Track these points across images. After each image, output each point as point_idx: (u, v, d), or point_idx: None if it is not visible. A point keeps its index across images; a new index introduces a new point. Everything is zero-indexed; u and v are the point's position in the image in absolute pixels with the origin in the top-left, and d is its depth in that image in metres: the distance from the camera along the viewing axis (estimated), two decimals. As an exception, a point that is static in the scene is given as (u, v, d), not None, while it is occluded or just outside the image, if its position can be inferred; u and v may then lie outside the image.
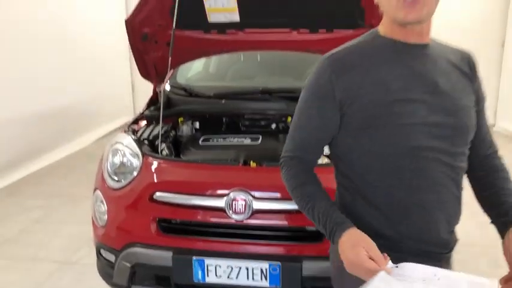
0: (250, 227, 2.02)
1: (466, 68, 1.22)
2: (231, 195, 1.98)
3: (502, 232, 1.20)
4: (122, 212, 2.14)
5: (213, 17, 2.53)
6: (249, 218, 1.98)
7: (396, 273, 1.00)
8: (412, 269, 1.01)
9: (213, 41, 2.72)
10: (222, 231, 2.05)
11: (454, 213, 1.20)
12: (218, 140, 2.53)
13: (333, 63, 1.17)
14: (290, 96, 2.71)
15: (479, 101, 1.24)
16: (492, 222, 1.25)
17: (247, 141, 2.50)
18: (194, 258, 1.98)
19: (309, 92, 1.22)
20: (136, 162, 2.21)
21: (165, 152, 2.39)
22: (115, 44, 6.83)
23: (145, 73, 2.85)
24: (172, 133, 2.61)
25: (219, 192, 2.01)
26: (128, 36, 2.58)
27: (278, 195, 2.01)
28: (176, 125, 2.70)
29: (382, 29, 1.20)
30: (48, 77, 5.18)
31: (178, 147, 2.57)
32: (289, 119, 2.63)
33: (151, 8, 2.45)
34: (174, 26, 2.37)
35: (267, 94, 2.74)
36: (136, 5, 2.47)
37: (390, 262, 1.02)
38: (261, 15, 2.57)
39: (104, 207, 2.19)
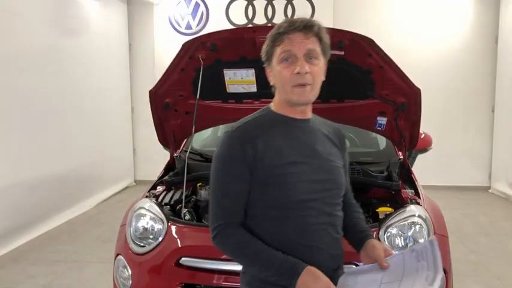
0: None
1: (336, 139, 1.55)
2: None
3: (359, 246, 1.51)
4: (147, 277, 2.17)
5: (231, 88, 2.70)
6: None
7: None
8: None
9: (231, 110, 2.88)
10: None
11: (335, 253, 1.45)
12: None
13: (240, 135, 1.40)
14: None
15: (345, 165, 1.56)
16: (350, 242, 1.55)
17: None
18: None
19: (223, 162, 1.40)
20: (160, 227, 2.27)
21: (187, 216, 2.46)
22: (117, 109, 7.03)
23: (163, 140, 2.97)
24: (193, 198, 2.68)
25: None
26: (151, 105, 2.73)
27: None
28: (195, 190, 2.78)
29: (274, 106, 1.48)
30: (50, 143, 5.26)
31: (197, 211, 2.63)
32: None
33: (174, 80, 2.62)
34: (197, 96, 2.52)
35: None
36: (161, 78, 2.63)
37: None
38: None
39: (127, 273, 2.22)
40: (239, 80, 2.64)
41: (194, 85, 2.63)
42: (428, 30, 6.93)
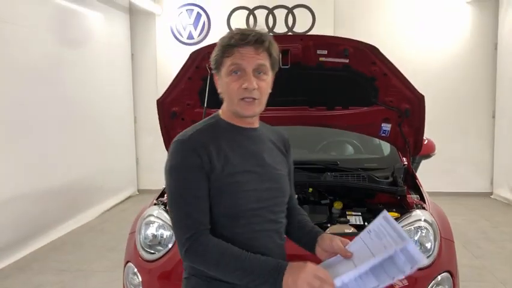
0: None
1: (281, 145, 1.58)
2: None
3: (312, 244, 1.51)
4: (157, 283, 2.19)
5: (238, 97, 2.73)
6: None
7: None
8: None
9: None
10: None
11: (280, 258, 1.42)
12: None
13: (194, 142, 1.39)
14: (309, 167, 2.87)
15: (290, 171, 1.60)
16: (302, 244, 1.57)
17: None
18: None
19: (181, 172, 1.37)
20: (169, 234, 2.30)
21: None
22: (120, 119, 7.06)
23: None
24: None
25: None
26: (158, 114, 2.77)
27: (311, 263, 2.09)
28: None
29: (223, 114, 1.49)
30: (52, 153, 5.28)
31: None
32: (311, 189, 2.76)
33: (182, 89, 2.66)
34: (205, 105, 2.56)
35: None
36: (168, 87, 2.67)
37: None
38: (281, 95, 2.78)
39: (137, 279, 2.25)
40: (245, 88, 2.67)
41: (201, 94, 2.67)
42: (427, 37, 7.00)
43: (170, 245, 2.25)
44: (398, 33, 7.03)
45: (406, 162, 3.00)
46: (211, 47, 2.48)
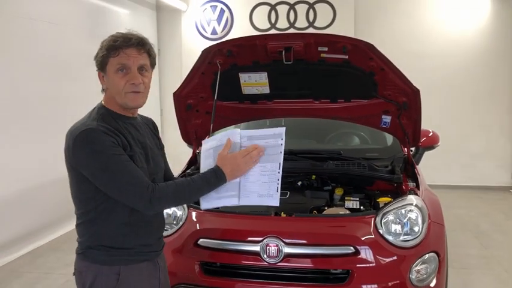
0: (282, 269, 2.31)
1: (154, 130, 1.90)
2: (265, 241, 2.30)
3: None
4: (170, 256, 2.43)
5: (246, 90, 2.97)
6: (281, 261, 2.28)
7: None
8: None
9: (246, 110, 3.15)
10: (258, 273, 2.34)
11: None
12: (251, 195, 2.86)
13: (104, 129, 1.58)
14: (314, 156, 3.08)
15: (162, 148, 1.91)
16: None
17: (277, 195, 2.83)
18: (233, 296, 2.27)
19: (107, 150, 1.56)
20: (181, 214, 2.56)
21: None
22: (148, 112, 7.34)
23: (186, 138, 3.26)
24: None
25: (255, 238, 2.34)
26: (175, 106, 3.03)
27: (306, 241, 2.33)
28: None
29: (108, 105, 1.71)
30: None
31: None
32: (314, 177, 2.97)
33: (196, 83, 2.91)
34: (215, 97, 2.80)
35: (293, 155, 3.10)
36: (183, 81, 2.93)
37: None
38: (287, 88, 3.00)
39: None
40: (253, 82, 2.91)
41: (213, 87, 2.91)
42: (448, 32, 7.01)
43: (181, 223, 2.51)
44: (418, 28, 7.08)
45: (406, 153, 3.17)
46: (221, 44, 2.75)
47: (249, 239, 2.36)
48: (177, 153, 7.31)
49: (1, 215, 4.35)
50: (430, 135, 3.53)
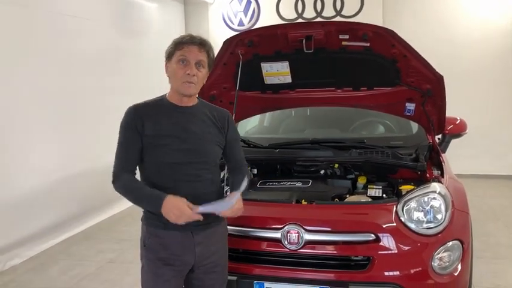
0: (303, 256, 2.34)
1: (218, 121, 2.08)
2: (286, 228, 2.33)
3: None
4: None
5: (268, 80, 2.99)
6: (302, 248, 2.31)
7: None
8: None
9: (269, 100, 3.17)
10: (279, 259, 2.38)
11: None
12: (274, 184, 2.89)
13: (134, 111, 1.99)
14: (336, 145, 3.08)
15: (230, 140, 2.14)
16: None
17: (298, 184, 2.85)
18: (255, 282, 2.32)
19: (121, 127, 2.00)
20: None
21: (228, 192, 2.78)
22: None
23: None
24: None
25: (276, 225, 2.37)
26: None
27: (327, 228, 2.34)
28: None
29: (168, 95, 2.05)
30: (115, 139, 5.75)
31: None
32: (336, 165, 2.97)
33: (218, 74, 2.94)
34: (237, 88, 2.83)
35: (316, 144, 3.11)
36: (208, 72, 2.97)
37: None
38: (309, 77, 3.00)
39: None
40: (275, 72, 2.93)
41: (236, 78, 2.94)
42: (481, 20, 6.81)
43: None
44: (447, 17, 6.91)
45: (431, 141, 3.13)
46: (243, 34, 2.79)
47: (271, 226, 2.39)
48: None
49: (39, 204, 4.54)
50: (457, 122, 3.45)
